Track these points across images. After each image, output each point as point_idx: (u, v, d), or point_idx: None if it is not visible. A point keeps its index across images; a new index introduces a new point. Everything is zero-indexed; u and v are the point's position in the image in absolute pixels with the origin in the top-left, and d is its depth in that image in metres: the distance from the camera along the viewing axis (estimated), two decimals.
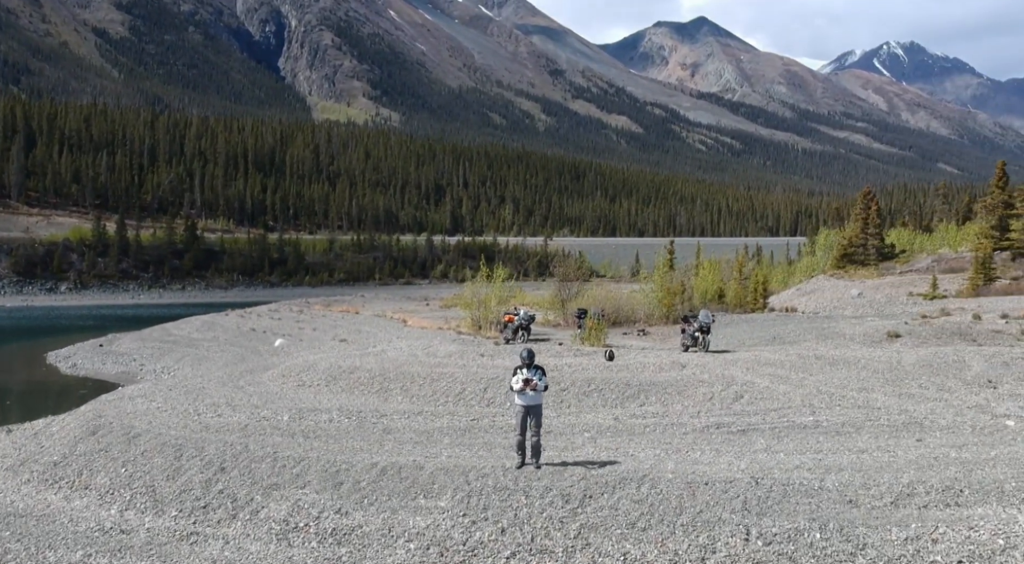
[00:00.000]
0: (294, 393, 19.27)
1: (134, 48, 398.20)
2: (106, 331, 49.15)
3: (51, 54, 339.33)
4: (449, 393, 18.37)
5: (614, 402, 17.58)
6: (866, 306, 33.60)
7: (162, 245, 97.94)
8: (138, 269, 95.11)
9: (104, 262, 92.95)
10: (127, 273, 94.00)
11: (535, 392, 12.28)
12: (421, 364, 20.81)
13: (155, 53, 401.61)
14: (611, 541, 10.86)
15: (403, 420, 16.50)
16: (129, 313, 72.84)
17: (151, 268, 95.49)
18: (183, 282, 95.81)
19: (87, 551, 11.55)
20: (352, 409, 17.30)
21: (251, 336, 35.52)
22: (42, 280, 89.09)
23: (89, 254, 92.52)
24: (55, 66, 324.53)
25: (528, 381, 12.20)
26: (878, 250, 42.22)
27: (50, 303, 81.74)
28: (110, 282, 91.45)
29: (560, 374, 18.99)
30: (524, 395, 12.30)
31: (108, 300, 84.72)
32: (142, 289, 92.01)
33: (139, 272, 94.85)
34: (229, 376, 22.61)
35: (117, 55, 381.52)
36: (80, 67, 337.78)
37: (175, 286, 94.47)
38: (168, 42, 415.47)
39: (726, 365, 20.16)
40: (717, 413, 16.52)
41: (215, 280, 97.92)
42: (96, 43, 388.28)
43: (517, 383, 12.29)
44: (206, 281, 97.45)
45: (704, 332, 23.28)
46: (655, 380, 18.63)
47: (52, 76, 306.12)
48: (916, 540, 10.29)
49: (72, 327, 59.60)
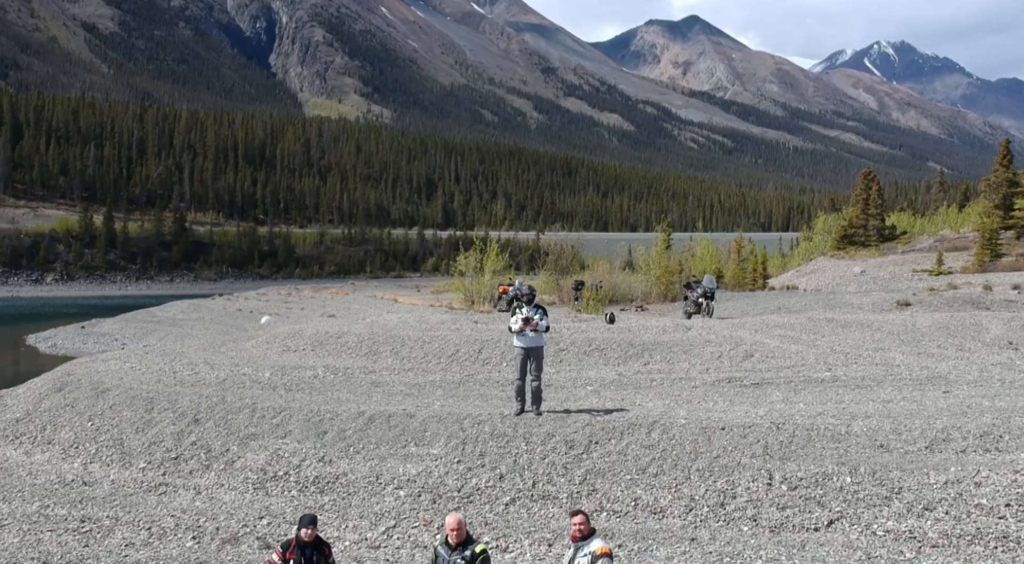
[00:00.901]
0: (278, 356, 18.21)
1: (124, 43, 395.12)
2: (91, 318, 48.00)
3: (40, 49, 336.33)
4: (442, 354, 17.32)
5: (617, 361, 16.54)
6: (870, 283, 32.57)
7: (150, 237, 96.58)
8: (126, 261, 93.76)
9: (91, 253, 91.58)
10: (114, 264, 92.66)
11: (536, 333, 11.27)
12: (412, 329, 19.74)
13: (145, 48, 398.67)
14: (620, 487, 9.89)
15: (393, 376, 15.46)
16: (116, 303, 71.54)
17: (139, 260, 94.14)
18: (171, 274, 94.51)
19: (44, 502, 10.53)
20: (339, 367, 16.28)
21: (237, 315, 34.45)
22: (28, 271, 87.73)
23: (76, 245, 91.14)
24: (44, 61, 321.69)
25: (528, 320, 11.19)
26: (879, 231, 41.14)
27: (36, 294, 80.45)
28: (97, 273, 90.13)
29: (559, 336, 17.93)
30: (524, 336, 11.29)
31: (95, 291, 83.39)
32: (129, 280, 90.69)
33: (127, 263, 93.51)
34: (211, 344, 21.55)
35: (106, 50, 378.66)
36: (69, 62, 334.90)
37: (163, 278, 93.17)
38: (158, 37, 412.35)
39: (733, 328, 19.16)
40: (727, 370, 15.53)
41: (204, 272, 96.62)
42: (85, 38, 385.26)
43: (516, 323, 11.29)
44: (195, 273, 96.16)
45: (708, 298, 22.27)
46: (659, 340, 17.60)
47: (41, 71, 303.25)
48: (957, 484, 9.36)
49: (57, 315, 58.33)
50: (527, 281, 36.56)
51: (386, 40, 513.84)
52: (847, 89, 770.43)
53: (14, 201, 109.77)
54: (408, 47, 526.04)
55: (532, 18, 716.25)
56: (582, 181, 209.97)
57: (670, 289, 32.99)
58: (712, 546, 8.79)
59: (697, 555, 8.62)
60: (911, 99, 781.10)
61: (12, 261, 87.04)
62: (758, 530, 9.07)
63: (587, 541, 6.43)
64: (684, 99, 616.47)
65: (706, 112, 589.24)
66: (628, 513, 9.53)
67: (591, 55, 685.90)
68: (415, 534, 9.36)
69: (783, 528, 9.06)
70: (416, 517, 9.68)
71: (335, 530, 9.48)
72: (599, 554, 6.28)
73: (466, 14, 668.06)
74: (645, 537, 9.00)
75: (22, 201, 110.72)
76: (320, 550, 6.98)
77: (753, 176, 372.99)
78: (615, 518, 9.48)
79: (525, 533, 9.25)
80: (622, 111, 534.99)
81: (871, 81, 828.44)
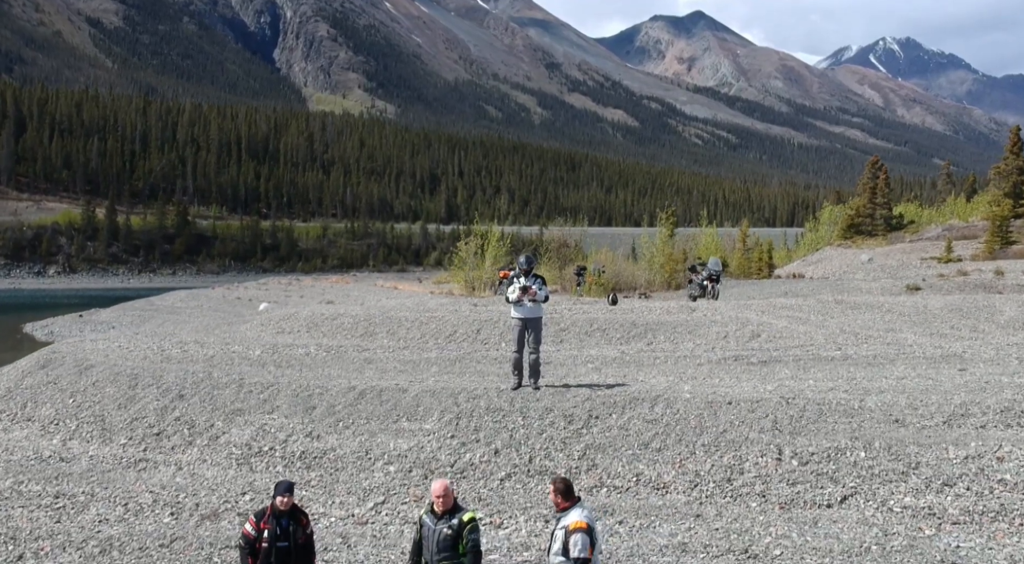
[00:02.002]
0: (272, 337, 17.71)
1: (128, 38, 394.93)
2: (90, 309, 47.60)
3: (44, 43, 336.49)
4: (439, 334, 16.82)
5: (619, 340, 16.01)
6: (878, 270, 31.87)
7: (153, 230, 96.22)
8: (128, 253, 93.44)
9: (93, 246, 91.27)
10: (117, 257, 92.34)
11: (534, 303, 10.74)
12: (410, 311, 19.23)
13: (149, 43, 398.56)
14: (621, 462, 9.39)
15: (387, 353, 14.97)
16: (118, 295, 71.18)
17: (141, 252, 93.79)
18: (174, 267, 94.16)
19: (18, 478, 10.07)
20: (332, 346, 15.78)
21: (236, 303, 34.02)
22: (30, 263, 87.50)
23: (78, 238, 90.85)
24: (48, 55, 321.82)
25: (526, 289, 10.65)
26: (886, 220, 40.38)
27: (37, 286, 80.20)
28: (99, 266, 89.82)
29: (559, 316, 17.45)
30: (522, 307, 10.77)
31: (97, 284, 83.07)
32: (132, 273, 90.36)
33: (129, 256, 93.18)
34: (205, 327, 21.10)
35: (111, 45, 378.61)
36: (74, 57, 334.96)
37: (165, 271, 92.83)
38: (162, 32, 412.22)
39: (739, 309, 18.60)
40: (733, 349, 15.00)
41: (206, 265, 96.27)
42: (90, 33, 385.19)
43: (513, 293, 10.77)
44: (197, 266, 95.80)
45: (714, 281, 21.71)
46: (663, 321, 17.07)
47: (45, 65, 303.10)
48: (978, 458, 8.85)
49: (57, 306, 57.99)
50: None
51: (390, 35, 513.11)
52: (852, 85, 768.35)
53: (17, 194, 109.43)
54: (412, 42, 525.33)
55: (536, 13, 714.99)
56: (586, 176, 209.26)
57: (674, 277, 32.46)
58: (719, 523, 8.30)
59: (702, 531, 8.13)
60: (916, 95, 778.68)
61: (14, 254, 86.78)
62: (767, 506, 8.58)
63: (566, 513, 5.85)
64: (689, 95, 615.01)
65: (711, 108, 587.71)
66: (630, 489, 9.04)
67: (595, 51, 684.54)
68: (405, 510, 8.88)
69: (794, 504, 8.57)
70: (407, 493, 9.20)
71: (321, 506, 9.00)
72: (572, 528, 5.65)
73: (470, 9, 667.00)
74: (648, 513, 8.51)
75: (25, 194, 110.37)
76: (297, 519, 6.49)
77: (758, 172, 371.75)
78: (616, 494, 8.98)
79: (521, 509, 8.76)
80: (626, 107, 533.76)
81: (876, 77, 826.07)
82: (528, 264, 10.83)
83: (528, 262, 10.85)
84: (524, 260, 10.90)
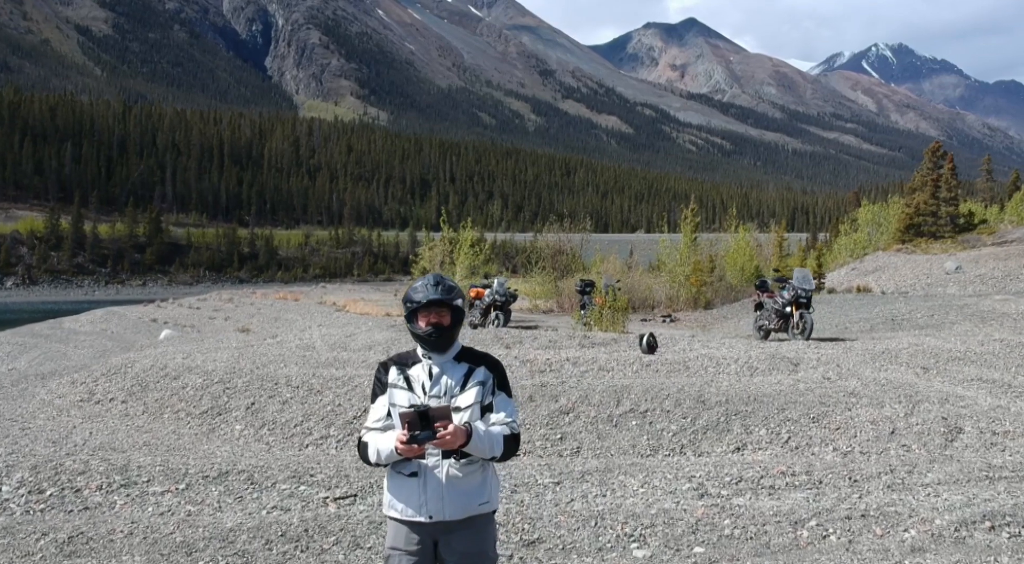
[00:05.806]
0: (56, 417, 11.09)
1: (117, 46, 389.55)
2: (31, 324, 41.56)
3: (32, 51, 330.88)
4: (332, 419, 10.08)
5: (678, 438, 9.04)
6: (976, 282, 25.50)
7: (122, 238, 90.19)
8: (95, 263, 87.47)
9: (57, 256, 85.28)
10: (82, 268, 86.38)
11: (458, 463, 3.22)
12: (314, 362, 12.50)
13: (139, 51, 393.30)
14: None
15: (209, 486, 8.29)
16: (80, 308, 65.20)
17: (109, 262, 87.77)
18: (144, 277, 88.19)
19: None
20: (116, 465, 9.69)
21: (143, 328, 27.86)
22: None
23: (40, 247, 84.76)
24: (36, 63, 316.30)
25: (427, 419, 3.00)
26: (951, 219, 34.12)
27: None
28: (63, 277, 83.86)
29: (560, 378, 10.83)
30: (412, 476, 3.25)
31: (59, 296, 77.00)
32: (98, 285, 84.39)
33: (96, 267, 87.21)
34: (23, 376, 15.20)
35: (100, 53, 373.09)
36: (62, 65, 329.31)
37: (135, 282, 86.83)
38: (152, 40, 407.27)
39: (868, 361, 11.82)
40: (931, 470, 7.25)
41: (179, 275, 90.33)
42: (79, 41, 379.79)
43: (393, 426, 3.28)
44: (169, 277, 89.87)
45: (803, 306, 14.68)
46: (751, 391, 10.00)
47: (33, 73, 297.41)
48: None
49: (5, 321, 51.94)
50: (520, 284, 29.73)
51: (383, 42, 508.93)
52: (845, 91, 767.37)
53: None
54: (405, 49, 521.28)
55: (529, 20, 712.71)
56: (581, 181, 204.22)
57: (702, 293, 26.70)
58: None
59: None
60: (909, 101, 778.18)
61: None
62: None
63: None
64: (682, 101, 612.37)
65: (704, 114, 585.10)
66: None
67: (589, 58, 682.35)
68: None
69: None
70: None
71: None
72: None
73: (463, 16, 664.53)
74: None
75: None
76: None
77: (752, 178, 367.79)
78: None
79: None
80: (620, 113, 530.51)
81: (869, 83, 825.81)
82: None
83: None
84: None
